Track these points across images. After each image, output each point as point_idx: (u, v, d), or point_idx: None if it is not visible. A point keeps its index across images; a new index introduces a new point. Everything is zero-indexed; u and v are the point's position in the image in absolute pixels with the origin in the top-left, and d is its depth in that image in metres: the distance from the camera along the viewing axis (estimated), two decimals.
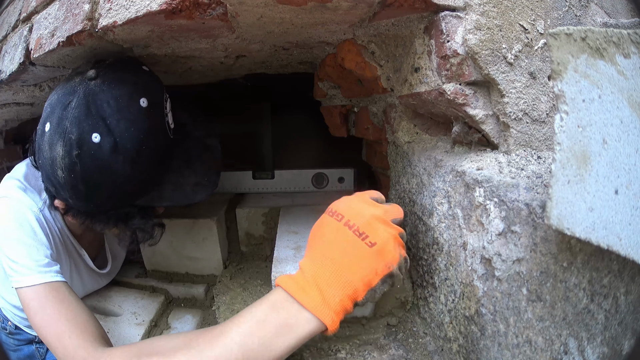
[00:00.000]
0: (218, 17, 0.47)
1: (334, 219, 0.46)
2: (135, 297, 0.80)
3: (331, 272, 0.43)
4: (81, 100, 0.53)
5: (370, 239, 0.43)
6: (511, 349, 0.38)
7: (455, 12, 0.45)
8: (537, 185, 0.37)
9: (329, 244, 0.45)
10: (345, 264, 0.43)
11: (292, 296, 0.43)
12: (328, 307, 0.41)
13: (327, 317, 0.41)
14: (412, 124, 0.63)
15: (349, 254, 0.43)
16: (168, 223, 0.82)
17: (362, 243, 0.43)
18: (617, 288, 0.33)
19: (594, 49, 0.31)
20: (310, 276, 0.43)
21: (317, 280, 0.43)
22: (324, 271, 0.43)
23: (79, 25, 0.50)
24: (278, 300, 0.43)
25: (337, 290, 0.42)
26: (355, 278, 0.42)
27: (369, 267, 0.43)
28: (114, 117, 0.53)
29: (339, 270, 0.43)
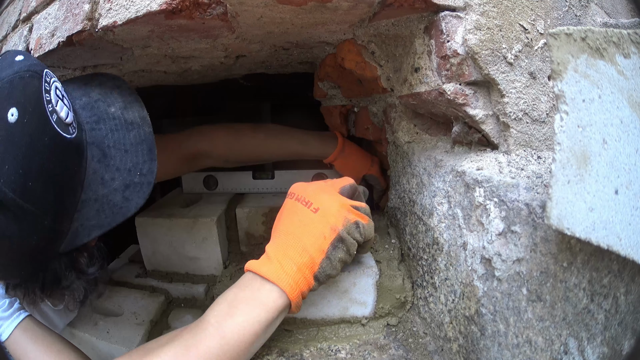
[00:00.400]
0: (218, 17, 0.47)
1: (288, 199, 0.51)
2: (135, 297, 0.80)
3: (286, 243, 0.46)
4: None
5: (314, 206, 0.47)
6: (511, 349, 0.38)
7: (455, 12, 0.45)
8: (537, 185, 0.37)
9: (284, 220, 0.49)
10: (297, 233, 0.46)
11: (255, 272, 0.46)
12: (286, 273, 0.44)
13: (286, 283, 0.44)
14: (412, 124, 0.63)
15: (299, 223, 0.47)
16: (168, 223, 0.82)
17: (307, 210, 0.47)
18: (617, 288, 0.33)
19: (594, 49, 0.31)
20: (271, 251, 0.47)
21: (277, 254, 0.46)
22: (280, 243, 0.47)
23: (79, 25, 0.50)
24: (245, 280, 0.46)
25: (293, 257, 0.45)
26: (308, 243, 0.45)
27: (317, 231, 0.46)
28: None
29: (292, 240, 0.46)
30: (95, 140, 0.47)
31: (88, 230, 0.45)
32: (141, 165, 0.48)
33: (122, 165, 0.47)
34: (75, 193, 0.45)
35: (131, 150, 0.48)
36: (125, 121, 0.49)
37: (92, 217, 0.45)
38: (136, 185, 0.47)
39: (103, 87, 0.52)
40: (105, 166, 0.47)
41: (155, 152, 0.49)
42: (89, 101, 0.50)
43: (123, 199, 0.46)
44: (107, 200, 0.46)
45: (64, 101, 0.44)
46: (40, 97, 0.41)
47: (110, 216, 0.45)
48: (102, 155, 0.47)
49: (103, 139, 0.48)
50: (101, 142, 0.47)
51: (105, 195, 0.46)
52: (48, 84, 0.42)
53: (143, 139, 0.49)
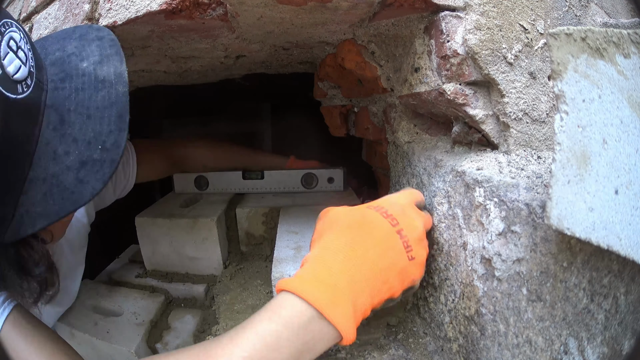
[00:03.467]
0: (218, 17, 0.47)
1: (387, 222, 0.40)
2: (135, 297, 0.80)
3: (368, 279, 0.37)
4: None
5: (412, 254, 0.40)
6: (511, 349, 0.38)
7: (455, 12, 0.45)
8: (537, 185, 0.37)
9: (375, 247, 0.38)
10: (383, 274, 0.38)
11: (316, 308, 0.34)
12: (355, 320, 0.36)
13: (351, 333, 0.35)
14: (412, 124, 0.63)
15: (391, 265, 0.38)
16: (168, 223, 0.82)
17: (405, 257, 0.39)
18: (617, 288, 0.33)
19: (594, 49, 0.31)
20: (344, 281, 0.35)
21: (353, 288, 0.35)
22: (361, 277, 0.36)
23: None
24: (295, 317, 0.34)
25: (367, 301, 0.37)
26: (385, 289, 0.38)
27: (400, 279, 0.39)
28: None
29: (375, 278, 0.37)
30: (55, 102, 0.38)
31: (33, 218, 0.35)
32: (105, 137, 0.37)
33: (81, 135, 0.37)
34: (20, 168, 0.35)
35: (95, 116, 0.38)
36: (95, 78, 0.39)
37: (39, 202, 0.36)
38: (95, 163, 0.36)
39: (83, 39, 0.43)
40: (61, 136, 0.37)
41: (126, 119, 0.38)
42: (61, 56, 0.42)
43: (76, 181, 0.36)
44: (57, 182, 0.36)
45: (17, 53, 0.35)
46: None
47: (59, 202, 0.35)
48: (59, 121, 0.37)
49: (64, 101, 0.38)
50: (61, 104, 0.38)
51: (55, 175, 0.36)
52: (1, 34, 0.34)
53: (113, 102, 0.38)
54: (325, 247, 0.38)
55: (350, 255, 0.37)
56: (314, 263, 0.37)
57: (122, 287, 0.85)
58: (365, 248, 0.37)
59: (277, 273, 0.56)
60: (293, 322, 0.34)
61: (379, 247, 0.38)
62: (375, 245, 0.38)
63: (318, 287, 0.34)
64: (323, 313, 0.33)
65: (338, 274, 0.35)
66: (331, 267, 0.35)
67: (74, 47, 0.42)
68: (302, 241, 0.67)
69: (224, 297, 0.74)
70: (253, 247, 0.90)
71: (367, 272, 0.36)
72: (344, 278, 0.35)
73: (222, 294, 0.76)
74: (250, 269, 0.84)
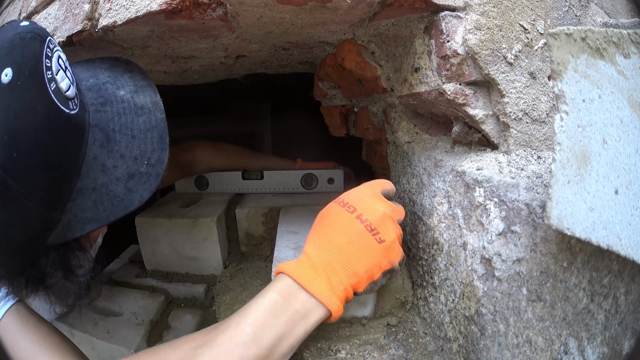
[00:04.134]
0: (218, 17, 0.47)
1: (345, 210, 0.46)
2: (135, 297, 0.80)
3: (339, 260, 0.43)
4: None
5: (380, 236, 0.44)
6: (511, 349, 0.38)
7: (455, 12, 0.45)
8: (537, 185, 0.37)
9: (339, 233, 0.44)
10: (353, 255, 0.43)
11: (299, 284, 0.41)
12: (335, 294, 0.41)
13: (334, 305, 0.41)
14: (412, 124, 0.63)
15: (359, 246, 0.43)
16: (168, 223, 0.82)
17: (372, 238, 0.44)
18: (617, 288, 0.33)
19: (594, 49, 0.31)
20: (319, 263, 0.42)
21: (326, 268, 0.42)
22: (332, 259, 0.43)
23: (79, 25, 0.50)
24: (286, 288, 0.42)
25: (343, 279, 0.42)
26: (361, 270, 0.43)
27: (374, 261, 0.44)
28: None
29: (346, 260, 0.43)
30: (99, 123, 0.42)
31: (82, 223, 0.39)
32: (149, 154, 0.42)
33: (128, 152, 0.42)
34: (70, 178, 0.39)
35: (139, 137, 0.43)
36: (135, 105, 0.45)
37: (88, 209, 0.40)
38: (142, 176, 0.41)
39: (113, 70, 0.48)
40: (108, 152, 0.41)
41: (166, 140, 0.44)
42: (96, 83, 0.46)
43: (126, 190, 0.40)
44: (107, 191, 0.40)
45: (66, 73, 0.39)
46: (39, 61, 0.36)
47: (110, 209, 0.40)
48: (105, 139, 0.42)
49: (108, 122, 0.43)
50: (106, 125, 0.42)
51: (105, 185, 0.40)
52: (50, 50, 0.38)
53: (154, 126, 0.44)
54: (307, 240, 0.47)
55: (321, 243, 0.44)
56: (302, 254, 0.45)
57: (122, 287, 0.85)
58: (330, 235, 0.44)
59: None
60: (284, 291, 0.41)
61: (343, 232, 0.44)
62: (340, 232, 0.44)
63: (300, 268, 0.43)
64: (303, 285, 0.41)
65: (314, 258, 0.43)
66: (309, 254, 0.44)
67: (107, 77, 0.47)
68: (302, 241, 0.67)
69: (224, 297, 0.74)
70: (253, 247, 0.90)
71: (337, 255, 0.43)
72: (319, 261, 0.42)
73: (222, 294, 0.76)
74: (250, 269, 0.84)
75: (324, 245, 0.44)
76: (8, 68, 0.34)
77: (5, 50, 0.35)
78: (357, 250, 0.43)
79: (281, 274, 0.44)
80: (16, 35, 0.36)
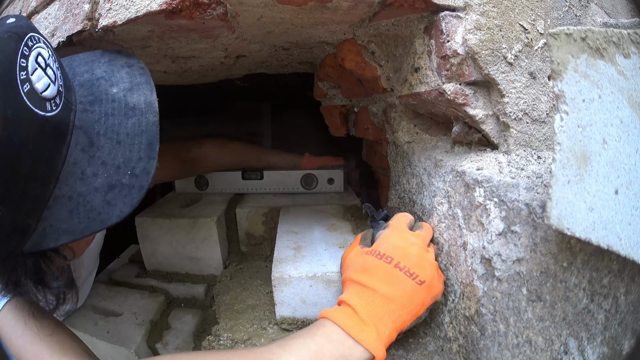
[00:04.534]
0: (218, 17, 0.47)
1: (383, 262, 0.47)
2: (135, 297, 0.80)
3: (386, 311, 0.44)
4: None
5: (420, 278, 0.45)
6: (511, 349, 0.38)
7: (455, 12, 0.45)
8: (537, 185, 0.37)
9: (382, 286, 0.45)
10: (398, 302, 0.44)
11: (346, 332, 0.43)
12: (381, 341, 0.43)
13: (380, 352, 0.42)
14: (412, 124, 0.63)
15: (402, 293, 0.45)
16: (168, 223, 0.82)
17: (413, 283, 0.45)
18: (617, 288, 0.33)
19: (594, 49, 0.31)
20: (366, 315, 0.44)
21: (374, 319, 0.43)
22: (379, 310, 0.44)
23: (79, 25, 0.50)
24: (333, 334, 0.43)
25: (389, 325, 0.44)
26: (405, 313, 0.44)
27: (418, 301, 0.45)
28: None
29: (392, 308, 0.44)
30: (84, 125, 0.39)
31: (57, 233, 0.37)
32: (134, 163, 0.38)
33: (110, 159, 0.38)
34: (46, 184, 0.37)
35: (125, 142, 0.39)
36: (126, 105, 0.41)
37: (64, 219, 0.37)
38: (123, 188, 0.37)
39: (112, 64, 0.45)
40: (90, 157, 0.38)
41: (156, 148, 0.39)
42: (90, 78, 0.43)
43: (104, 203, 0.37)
44: (84, 202, 0.37)
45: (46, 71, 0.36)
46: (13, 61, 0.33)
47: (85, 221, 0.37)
48: (88, 143, 0.38)
49: (94, 124, 0.39)
50: (91, 127, 0.39)
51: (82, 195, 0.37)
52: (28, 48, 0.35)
53: (143, 130, 0.40)
54: (346, 288, 0.49)
55: (365, 295, 0.45)
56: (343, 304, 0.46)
57: (122, 287, 0.85)
58: (373, 287, 0.45)
59: (277, 273, 0.56)
60: (332, 338, 0.42)
61: (385, 284, 0.45)
62: (383, 284, 0.45)
63: (347, 317, 0.44)
64: (352, 334, 0.42)
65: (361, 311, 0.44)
66: (354, 306, 0.44)
67: (102, 72, 0.43)
68: (302, 241, 0.67)
69: (224, 297, 0.74)
70: (253, 247, 0.90)
71: (383, 306, 0.44)
72: (366, 314, 0.44)
73: (222, 294, 0.76)
74: (250, 269, 0.84)
75: (369, 298, 0.45)
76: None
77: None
78: (400, 297, 0.44)
79: (325, 319, 0.45)
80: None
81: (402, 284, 0.45)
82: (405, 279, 0.45)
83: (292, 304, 0.57)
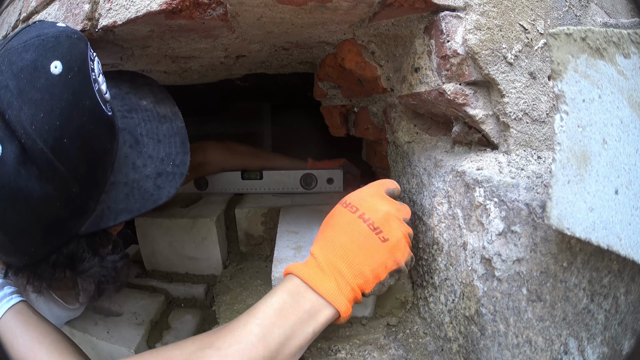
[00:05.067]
0: (218, 17, 0.47)
1: (348, 211, 0.46)
2: (135, 297, 0.80)
3: (345, 260, 0.43)
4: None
5: (383, 235, 0.44)
6: (511, 349, 0.38)
7: (455, 12, 0.45)
8: (537, 185, 0.37)
9: (342, 233, 0.44)
10: (358, 255, 0.43)
11: (308, 284, 0.42)
12: (342, 294, 0.42)
13: (342, 305, 0.42)
14: (412, 124, 0.63)
15: (362, 246, 0.43)
16: (167, 223, 0.82)
17: (375, 237, 0.43)
18: (617, 288, 0.33)
19: (594, 49, 0.31)
20: (325, 264, 0.43)
21: (332, 269, 0.42)
22: (337, 259, 0.43)
23: (79, 25, 0.50)
24: (295, 289, 0.42)
25: (349, 279, 0.42)
26: (367, 270, 0.43)
27: (379, 260, 0.43)
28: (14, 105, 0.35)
29: (352, 260, 0.43)
30: (127, 127, 0.47)
31: (115, 213, 0.44)
32: (174, 156, 0.48)
33: (155, 153, 0.47)
34: (105, 171, 0.44)
35: (164, 141, 0.49)
36: (157, 114, 0.50)
37: (121, 201, 0.44)
38: (169, 175, 0.47)
39: (134, 83, 0.53)
40: (138, 152, 0.47)
41: (188, 145, 0.49)
42: (119, 92, 0.50)
43: (155, 187, 0.46)
44: (138, 186, 0.45)
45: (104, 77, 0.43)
46: (85, 60, 0.40)
47: (140, 202, 0.45)
48: (134, 141, 0.47)
49: (135, 127, 0.48)
50: (133, 129, 0.48)
51: (136, 180, 0.45)
52: (92, 54, 0.42)
53: (176, 132, 0.50)
54: (314, 241, 0.48)
55: (325, 244, 0.45)
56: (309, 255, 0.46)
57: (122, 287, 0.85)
58: (334, 236, 0.45)
59: (277, 273, 0.56)
60: (293, 291, 0.42)
61: (345, 232, 0.44)
62: (342, 232, 0.44)
63: (307, 268, 0.43)
64: (311, 285, 0.42)
65: (320, 259, 0.43)
66: (315, 255, 0.44)
67: (128, 87, 0.52)
68: (302, 241, 0.67)
69: (224, 297, 0.74)
70: (252, 247, 0.90)
71: (341, 255, 0.43)
72: (325, 262, 0.43)
73: (222, 294, 0.76)
74: (250, 269, 0.84)
75: (329, 246, 0.44)
76: (57, 61, 0.38)
77: (51, 44, 0.38)
78: (360, 249, 0.43)
79: (290, 274, 0.44)
80: (62, 33, 0.39)
81: (363, 236, 0.43)
82: (367, 232, 0.43)
83: None
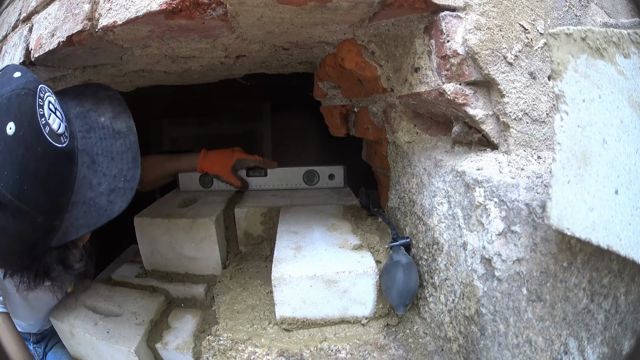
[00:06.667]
0: (218, 17, 0.47)
1: None
2: (135, 297, 0.80)
3: None
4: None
5: None
6: (511, 349, 0.38)
7: (456, 12, 0.45)
8: (537, 185, 0.37)
9: None
10: None
11: None
12: None
13: None
14: (412, 124, 0.63)
15: None
16: (166, 223, 0.82)
17: None
18: (617, 288, 0.33)
19: (594, 49, 0.31)
20: None
21: None
22: None
23: (79, 25, 0.50)
24: None
25: None
26: None
27: None
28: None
29: None
30: (86, 148, 0.53)
31: (76, 228, 0.50)
32: (125, 172, 0.53)
33: (109, 171, 0.53)
34: (65, 195, 0.50)
35: (117, 158, 0.54)
36: (113, 130, 0.55)
37: (80, 217, 0.50)
38: (120, 190, 0.52)
39: (96, 97, 0.58)
40: (94, 172, 0.52)
41: (139, 159, 0.54)
42: (82, 111, 0.56)
43: (108, 202, 0.51)
44: (94, 203, 0.51)
45: (56, 114, 0.49)
46: (34, 112, 0.46)
47: (97, 217, 0.51)
48: (91, 161, 0.52)
49: (92, 147, 0.53)
50: (91, 149, 0.53)
51: (92, 198, 0.51)
52: (42, 99, 0.47)
53: (128, 148, 0.55)
54: None
55: None
56: None
57: (122, 287, 0.85)
58: None
59: (277, 273, 0.56)
60: None
61: None
62: None
63: None
64: None
65: None
66: None
67: (90, 104, 0.57)
68: (302, 241, 0.67)
69: (224, 297, 0.74)
70: (252, 247, 0.90)
71: None
72: None
73: (222, 294, 0.76)
74: (250, 269, 0.84)
75: None
76: (11, 122, 0.43)
77: (5, 106, 0.44)
78: None
79: None
80: (12, 93, 0.45)
81: None
82: None
83: (292, 303, 0.57)
